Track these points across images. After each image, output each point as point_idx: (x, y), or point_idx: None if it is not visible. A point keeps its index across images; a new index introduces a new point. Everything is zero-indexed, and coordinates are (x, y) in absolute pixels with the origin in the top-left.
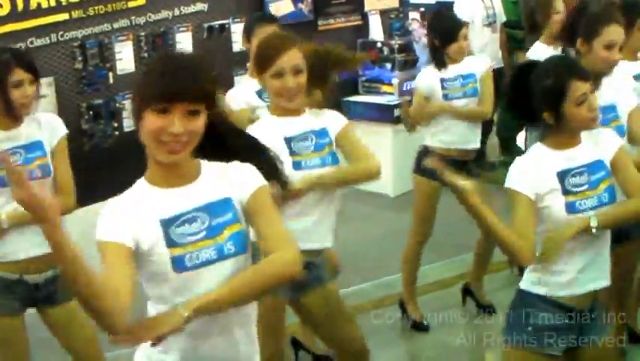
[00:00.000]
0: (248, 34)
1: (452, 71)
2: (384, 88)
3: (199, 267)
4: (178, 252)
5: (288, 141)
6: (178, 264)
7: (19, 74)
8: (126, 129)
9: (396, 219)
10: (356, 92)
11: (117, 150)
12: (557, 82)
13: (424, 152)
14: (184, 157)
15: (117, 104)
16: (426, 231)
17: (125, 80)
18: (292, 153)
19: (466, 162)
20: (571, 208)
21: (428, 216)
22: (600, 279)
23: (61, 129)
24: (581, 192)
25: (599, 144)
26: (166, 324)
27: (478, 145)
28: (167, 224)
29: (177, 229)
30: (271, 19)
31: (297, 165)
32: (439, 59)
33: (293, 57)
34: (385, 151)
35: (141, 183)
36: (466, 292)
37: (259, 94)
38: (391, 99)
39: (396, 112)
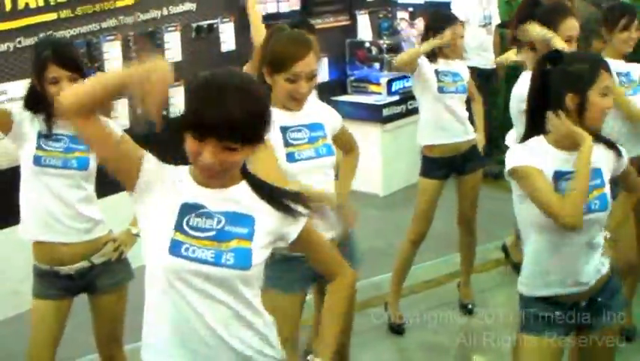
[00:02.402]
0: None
1: (444, 66)
2: (373, 88)
3: (193, 260)
4: (180, 238)
5: (284, 130)
6: (174, 247)
7: (55, 71)
8: None
9: (385, 219)
10: (345, 92)
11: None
12: (591, 68)
13: (423, 157)
14: (220, 180)
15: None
16: (423, 230)
17: None
18: (287, 143)
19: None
20: None
21: (428, 216)
22: (590, 280)
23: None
24: None
25: (598, 154)
26: None
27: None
28: (185, 210)
29: (193, 219)
30: (311, 28)
31: (291, 157)
32: (432, 55)
33: (309, 63)
34: (374, 151)
35: (183, 169)
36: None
37: None
38: (380, 99)
39: (385, 112)
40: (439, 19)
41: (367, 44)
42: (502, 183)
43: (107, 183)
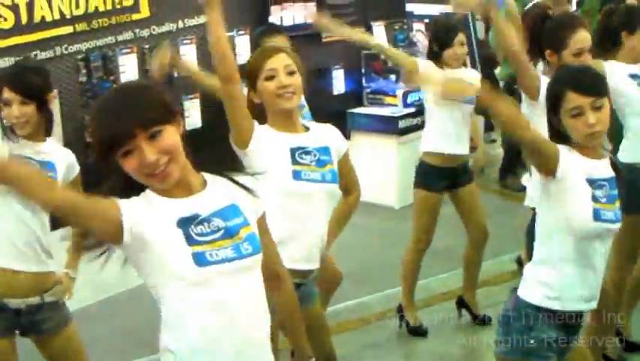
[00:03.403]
0: (256, 46)
1: (451, 74)
2: (389, 100)
3: (219, 263)
4: (198, 249)
5: (293, 150)
6: (200, 259)
7: (7, 93)
8: None
9: (401, 232)
10: (360, 104)
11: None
12: (554, 89)
13: (423, 165)
14: (178, 175)
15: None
16: (427, 239)
17: None
18: (295, 162)
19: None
20: (597, 215)
21: (429, 228)
22: (591, 300)
23: (75, 167)
24: (604, 204)
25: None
26: None
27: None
28: (184, 223)
29: (195, 228)
30: (278, 29)
31: (297, 175)
32: (437, 64)
33: (283, 59)
34: (390, 163)
35: (148, 194)
36: (461, 304)
37: None
38: (395, 111)
39: (401, 123)
40: (443, 29)
41: (383, 56)
42: (517, 196)
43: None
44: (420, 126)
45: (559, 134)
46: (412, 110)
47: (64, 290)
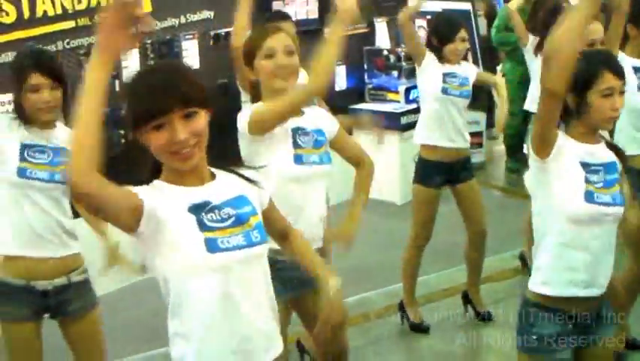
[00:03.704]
0: None
1: (450, 69)
2: (391, 96)
3: (230, 250)
4: (210, 235)
5: (295, 131)
6: (212, 245)
7: (36, 79)
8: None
9: (403, 228)
10: (363, 100)
11: (123, 159)
12: (589, 68)
13: (420, 160)
14: (199, 159)
15: (123, 112)
16: (426, 235)
17: None
18: (296, 145)
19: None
20: (589, 197)
21: (428, 223)
22: (589, 286)
23: None
24: (599, 188)
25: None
26: None
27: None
28: (196, 209)
29: (207, 215)
30: (285, 15)
31: (298, 159)
32: (440, 57)
33: (282, 38)
34: (392, 159)
35: (156, 185)
36: (466, 299)
37: None
38: (398, 107)
39: (403, 119)
40: (446, 23)
41: (385, 52)
42: (517, 192)
43: None
44: None
45: (567, 113)
46: (414, 106)
47: (115, 258)
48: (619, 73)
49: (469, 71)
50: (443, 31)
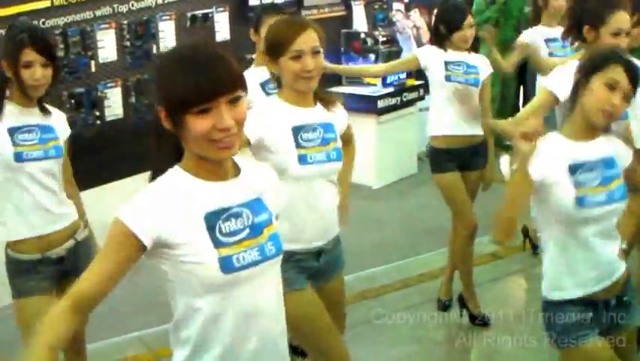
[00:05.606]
0: (256, 25)
1: (456, 56)
2: (368, 79)
3: (246, 268)
4: (225, 252)
5: (296, 130)
6: (226, 265)
7: (31, 55)
8: (108, 118)
9: (378, 211)
10: (339, 83)
11: (98, 140)
12: (602, 53)
13: (431, 149)
14: (236, 151)
15: (99, 93)
16: (467, 222)
17: (107, 68)
18: (298, 145)
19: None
20: (581, 202)
21: (463, 205)
22: (616, 271)
23: (68, 128)
24: (593, 188)
25: (613, 143)
26: None
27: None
28: (213, 218)
29: (223, 225)
30: (279, 9)
31: (303, 160)
32: (442, 46)
33: (310, 38)
34: (368, 143)
35: (180, 174)
36: (462, 303)
37: (262, 86)
38: (375, 90)
39: (380, 103)
40: (454, 11)
41: (363, 35)
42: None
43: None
44: (399, 106)
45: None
46: (391, 89)
47: None
48: (631, 73)
49: (481, 65)
50: (451, 19)
